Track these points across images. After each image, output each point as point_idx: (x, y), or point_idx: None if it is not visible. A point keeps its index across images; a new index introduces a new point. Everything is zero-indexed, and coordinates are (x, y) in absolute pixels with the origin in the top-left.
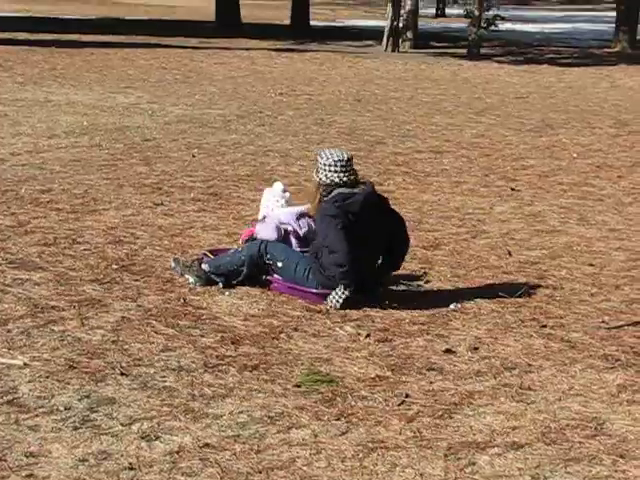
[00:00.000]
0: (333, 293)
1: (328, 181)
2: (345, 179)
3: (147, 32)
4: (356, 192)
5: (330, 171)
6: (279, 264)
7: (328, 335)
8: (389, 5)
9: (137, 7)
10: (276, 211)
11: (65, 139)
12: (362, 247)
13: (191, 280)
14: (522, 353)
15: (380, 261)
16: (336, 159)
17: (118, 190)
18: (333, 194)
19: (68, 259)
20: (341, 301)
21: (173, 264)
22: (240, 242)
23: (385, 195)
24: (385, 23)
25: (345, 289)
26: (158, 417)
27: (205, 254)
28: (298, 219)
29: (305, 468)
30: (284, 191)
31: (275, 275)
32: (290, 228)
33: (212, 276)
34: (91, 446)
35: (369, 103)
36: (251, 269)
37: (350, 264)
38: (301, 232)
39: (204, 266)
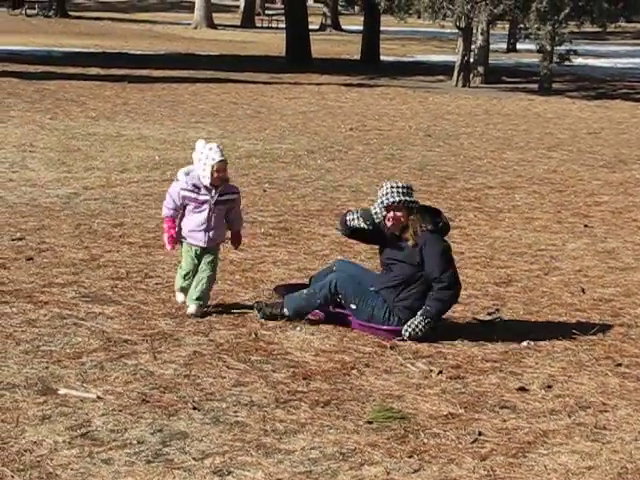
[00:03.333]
0: (413, 323)
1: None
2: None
3: (217, 67)
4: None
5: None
6: (352, 306)
7: (400, 371)
8: (460, 40)
9: (207, 42)
10: (181, 176)
11: (137, 173)
12: None
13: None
14: (597, 392)
15: None
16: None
17: None
18: (437, 224)
19: (140, 293)
20: (424, 331)
21: (257, 313)
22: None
23: (458, 231)
24: (456, 58)
25: (432, 321)
26: (230, 452)
27: (276, 290)
28: (195, 189)
29: None
30: (210, 149)
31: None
32: (186, 194)
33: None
34: None
35: (439, 138)
36: (324, 305)
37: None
38: (201, 197)
39: (285, 311)
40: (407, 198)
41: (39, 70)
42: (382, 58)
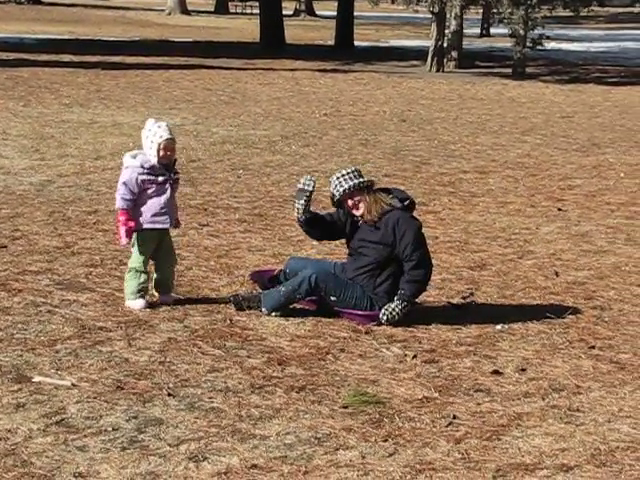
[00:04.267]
0: (390, 307)
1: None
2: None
3: (191, 54)
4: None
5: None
6: (333, 298)
7: (375, 356)
8: (433, 25)
9: (181, 29)
10: (128, 161)
11: (111, 160)
12: None
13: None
14: (570, 374)
15: None
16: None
17: None
18: (403, 201)
19: (115, 280)
20: (401, 314)
21: (234, 307)
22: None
23: (432, 215)
24: (429, 43)
25: (409, 304)
26: (206, 438)
27: (253, 278)
28: (152, 170)
29: None
30: (158, 127)
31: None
32: (145, 177)
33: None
34: (139, 467)
35: (414, 123)
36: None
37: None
38: (160, 178)
39: (263, 309)
40: (355, 181)
41: (11, 57)
42: (356, 43)
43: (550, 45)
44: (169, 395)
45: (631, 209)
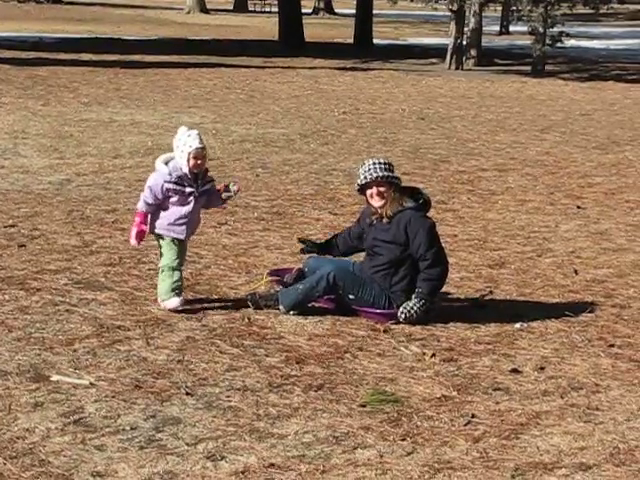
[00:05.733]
0: (408, 306)
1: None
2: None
3: (211, 52)
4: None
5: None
6: (351, 296)
7: (393, 355)
8: (452, 23)
9: (200, 27)
10: (160, 166)
11: (130, 159)
12: None
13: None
14: (589, 373)
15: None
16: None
17: None
18: (417, 201)
19: (133, 279)
20: (420, 312)
21: (251, 305)
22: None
23: (451, 213)
24: (449, 41)
25: (427, 303)
26: (223, 437)
27: (272, 276)
28: (180, 180)
29: None
30: (188, 136)
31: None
32: (171, 187)
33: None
34: (157, 466)
35: (433, 121)
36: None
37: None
38: (187, 189)
39: (281, 307)
40: (388, 173)
41: (31, 56)
42: (375, 41)
43: (570, 42)
44: (187, 394)
45: None
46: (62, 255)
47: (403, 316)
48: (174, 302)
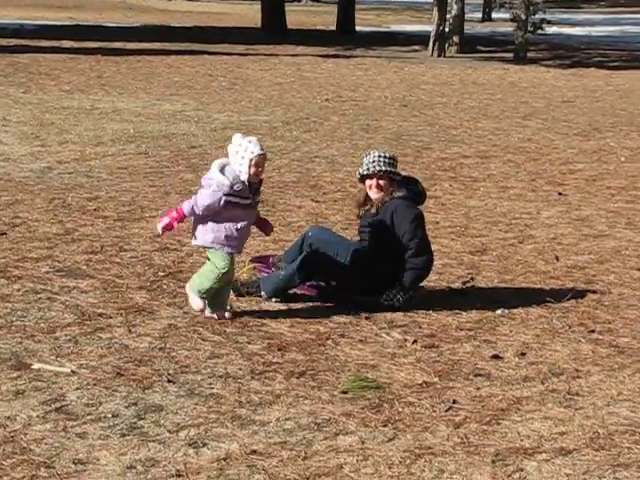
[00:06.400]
0: (391, 294)
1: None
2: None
3: (193, 39)
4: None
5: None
6: (333, 283)
7: (375, 341)
8: (435, 10)
9: (182, 14)
10: (216, 175)
11: (112, 147)
12: None
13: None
14: (570, 358)
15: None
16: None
17: (164, 197)
18: (409, 192)
19: (115, 267)
20: (402, 301)
21: (232, 292)
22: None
23: (433, 200)
24: (431, 28)
25: (409, 291)
26: (205, 424)
27: (254, 264)
28: (239, 192)
29: (352, 475)
30: (249, 142)
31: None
32: (231, 199)
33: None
34: (139, 453)
35: (415, 108)
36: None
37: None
38: (245, 202)
39: (263, 294)
40: (392, 169)
41: (12, 43)
42: (358, 29)
43: (551, 29)
44: (169, 381)
45: (632, 193)
46: (43, 243)
47: (386, 303)
48: (199, 304)
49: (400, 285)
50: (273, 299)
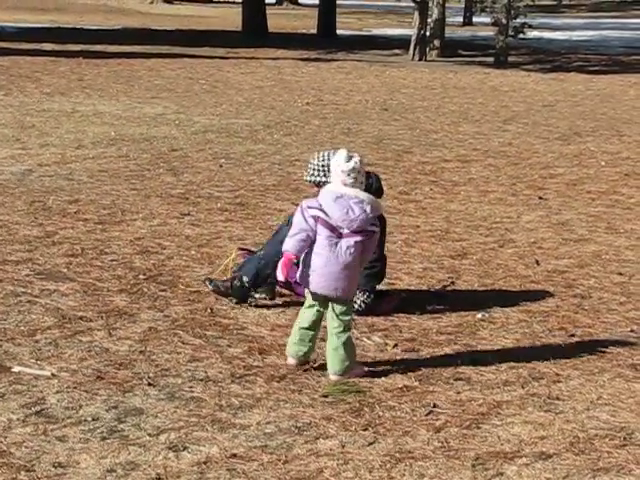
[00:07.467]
0: (358, 299)
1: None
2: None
3: (174, 42)
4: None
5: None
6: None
7: (356, 345)
8: (416, 13)
9: (164, 17)
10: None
11: (92, 150)
12: None
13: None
14: (550, 362)
15: None
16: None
17: (145, 200)
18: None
19: (95, 270)
20: (367, 302)
21: (208, 285)
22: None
23: (414, 204)
24: (412, 32)
25: (369, 295)
26: (186, 427)
27: (242, 251)
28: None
29: (333, 479)
30: (349, 159)
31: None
32: (319, 214)
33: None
34: (119, 456)
35: (396, 112)
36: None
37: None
38: (332, 220)
39: (244, 278)
40: (323, 179)
41: None
42: (339, 32)
43: (532, 34)
44: (149, 385)
45: (612, 197)
46: (24, 246)
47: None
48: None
49: (361, 291)
50: (253, 303)
